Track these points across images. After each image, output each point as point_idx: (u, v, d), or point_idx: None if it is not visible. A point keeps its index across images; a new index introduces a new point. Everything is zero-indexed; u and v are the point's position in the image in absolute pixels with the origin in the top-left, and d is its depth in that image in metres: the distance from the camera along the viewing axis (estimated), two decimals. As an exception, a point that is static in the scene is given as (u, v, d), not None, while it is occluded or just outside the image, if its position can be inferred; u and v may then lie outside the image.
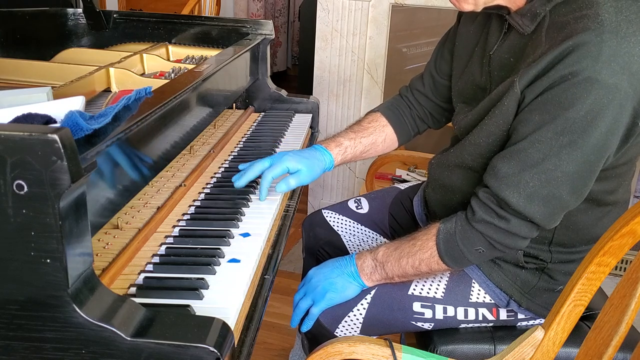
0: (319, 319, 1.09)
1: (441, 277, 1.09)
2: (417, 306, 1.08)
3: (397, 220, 1.34)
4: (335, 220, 1.37)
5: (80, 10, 1.66)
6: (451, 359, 0.86)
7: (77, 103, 0.83)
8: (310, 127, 1.66)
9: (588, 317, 1.11)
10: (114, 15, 1.72)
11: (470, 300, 1.08)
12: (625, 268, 2.18)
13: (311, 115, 1.68)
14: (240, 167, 1.16)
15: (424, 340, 1.13)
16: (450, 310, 1.08)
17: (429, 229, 1.01)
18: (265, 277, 0.91)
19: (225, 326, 0.66)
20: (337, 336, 1.09)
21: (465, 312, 1.08)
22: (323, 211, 1.39)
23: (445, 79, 1.23)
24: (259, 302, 0.85)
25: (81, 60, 1.35)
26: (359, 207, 1.38)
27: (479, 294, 1.08)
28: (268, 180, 1.08)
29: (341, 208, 1.39)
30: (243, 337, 0.77)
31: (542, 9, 0.92)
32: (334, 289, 1.06)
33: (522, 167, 0.89)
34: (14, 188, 0.57)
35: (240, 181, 1.10)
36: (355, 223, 1.35)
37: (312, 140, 1.63)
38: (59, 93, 1.04)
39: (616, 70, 0.83)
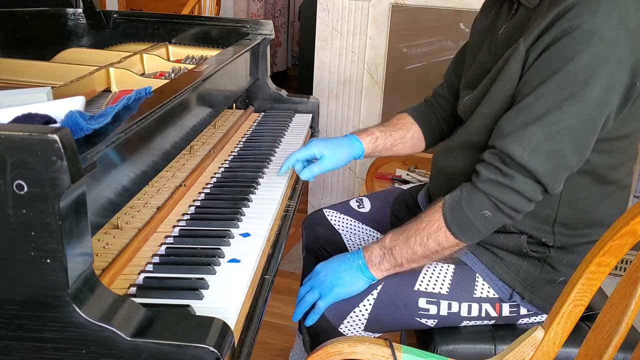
0: (324, 314, 1.09)
1: (446, 272, 1.09)
2: (422, 302, 1.08)
3: (399, 219, 1.34)
4: (337, 219, 1.37)
5: (80, 10, 1.66)
6: (451, 359, 0.86)
7: (77, 103, 0.83)
8: (310, 127, 1.66)
9: (588, 317, 1.11)
10: (114, 15, 1.72)
11: (474, 295, 1.08)
12: (625, 268, 2.18)
13: (311, 115, 1.68)
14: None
15: (424, 340, 1.13)
16: (455, 306, 1.08)
17: (435, 204, 1.00)
18: (265, 277, 0.91)
19: (225, 326, 0.66)
20: (341, 332, 1.09)
21: (469, 307, 1.08)
22: (324, 210, 1.39)
23: (459, 79, 1.25)
24: (259, 302, 0.85)
25: (81, 60, 1.35)
26: (361, 206, 1.38)
27: (482, 288, 1.08)
28: (292, 160, 1.17)
29: (342, 207, 1.39)
30: (243, 337, 0.77)
31: None
32: (342, 283, 1.05)
33: (526, 121, 0.91)
34: (14, 188, 0.57)
35: (280, 171, 1.20)
36: (357, 222, 1.35)
37: (312, 140, 1.63)
38: (59, 93, 1.04)
39: (613, 24, 0.87)
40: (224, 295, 0.78)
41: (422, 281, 1.08)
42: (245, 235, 0.96)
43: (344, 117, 2.41)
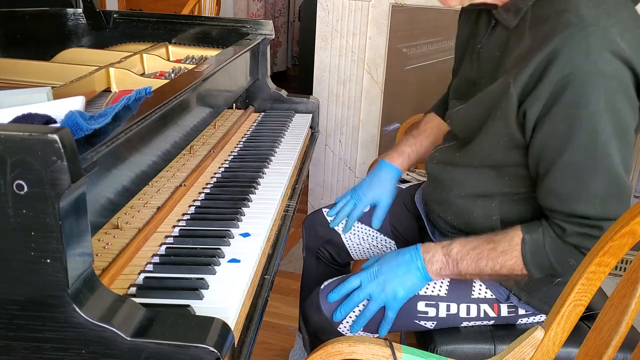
0: (324, 313, 1.09)
1: None
2: (421, 305, 1.08)
3: (399, 219, 1.34)
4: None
5: (80, 10, 1.66)
6: (451, 359, 0.86)
7: (77, 103, 0.83)
8: (310, 127, 1.66)
9: (588, 317, 1.11)
10: (114, 15, 1.72)
11: (472, 297, 1.08)
12: (625, 268, 2.18)
13: (311, 115, 1.68)
14: (330, 213, 1.33)
15: (424, 340, 1.13)
16: (453, 308, 1.08)
17: (510, 236, 0.98)
18: (265, 277, 0.91)
19: (225, 326, 0.66)
20: (340, 332, 1.09)
21: (468, 308, 1.08)
22: (324, 210, 1.39)
23: None
24: (259, 302, 0.85)
25: (81, 60, 1.35)
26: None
27: (480, 289, 1.08)
28: (354, 220, 1.30)
29: None
30: (243, 337, 0.77)
31: (525, 3, 0.96)
32: (404, 286, 1.04)
33: (579, 177, 0.91)
34: (14, 188, 0.57)
35: (334, 222, 1.31)
36: (356, 222, 1.35)
37: (312, 140, 1.63)
38: (59, 93, 1.04)
39: (609, 58, 0.86)
40: (224, 295, 0.78)
41: None
42: (245, 235, 0.96)
43: (344, 117, 2.41)
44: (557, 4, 0.92)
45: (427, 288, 1.08)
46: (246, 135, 1.48)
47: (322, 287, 1.13)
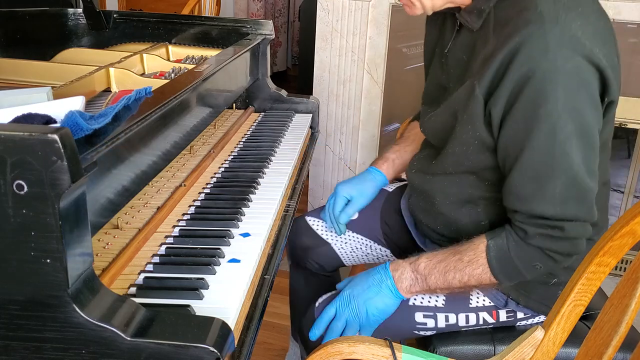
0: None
1: None
2: (419, 316, 1.07)
3: (389, 227, 1.31)
4: (322, 228, 1.33)
5: (80, 10, 1.66)
6: (451, 359, 0.86)
7: (77, 103, 0.83)
8: (310, 127, 1.66)
9: (588, 317, 1.11)
10: (114, 15, 1.72)
11: (470, 306, 1.08)
12: (625, 268, 2.18)
13: (311, 115, 1.68)
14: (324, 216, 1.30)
15: (424, 341, 1.13)
16: (452, 318, 1.07)
17: (475, 244, 0.98)
18: (265, 277, 0.91)
19: (225, 326, 0.66)
20: None
21: (467, 317, 1.08)
22: (307, 218, 1.35)
23: None
24: (259, 302, 0.85)
25: (81, 60, 1.35)
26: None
27: (478, 298, 1.08)
28: (335, 215, 1.26)
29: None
30: (243, 337, 0.77)
31: (487, 5, 0.95)
32: (376, 309, 1.03)
33: (538, 180, 0.90)
34: (14, 188, 0.57)
35: (339, 230, 1.27)
36: (349, 231, 1.31)
37: (312, 140, 1.63)
38: (59, 93, 1.04)
39: (568, 55, 0.85)
40: (224, 295, 0.78)
41: (416, 296, 1.07)
42: (245, 235, 0.96)
43: (344, 117, 2.41)
44: (518, 3, 0.90)
45: (423, 299, 1.07)
46: (246, 135, 1.48)
47: (317, 304, 1.12)
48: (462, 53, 1.02)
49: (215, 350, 0.62)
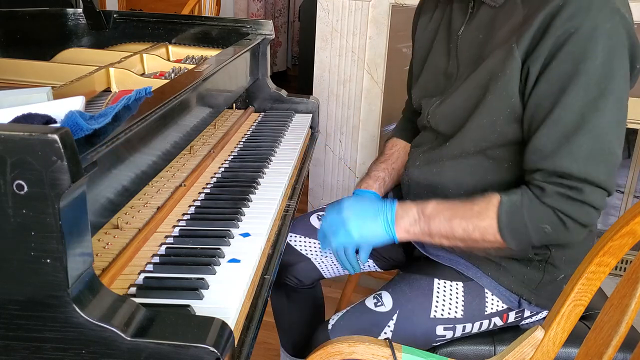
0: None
1: (457, 292, 1.06)
2: (440, 330, 1.05)
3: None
4: (303, 244, 1.29)
5: (80, 10, 1.66)
6: (451, 359, 0.86)
7: (77, 103, 0.83)
8: (310, 127, 1.66)
9: (588, 317, 1.11)
10: (114, 15, 1.72)
11: (485, 313, 1.06)
12: (625, 268, 2.18)
13: (311, 115, 1.68)
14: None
15: (424, 340, 1.13)
16: (468, 327, 1.07)
17: (489, 197, 0.96)
18: (265, 277, 0.91)
19: (225, 326, 0.66)
20: None
21: (481, 325, 1.07)
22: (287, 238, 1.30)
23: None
24: (259, 302, 0.85)
25: (81, 60, 1.35)
26: None
27: (492, 303, 1.06)
28: (353, 258, 1.14)
29: (305, 229, 1.30)
30: (243, 337, 0.77)
31: None
32: (360, 234, 1.01)
33: (567, 134, 0.89)
34: (14, 188, 0.57)
35: (354, 269, 1.17)
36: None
37: (312, 140, 1.63)
38: (59, 93, 1.04)
39: (608, 15, 0.87)
40: (224, 295, 0.78)
41: (436, 306, 1.05)
42: (245, 235, 0.96)
43: (344, 117, 2.41)
44: None
45: (442, 309, 1.05)
46: (246, 135, 1.48)
47: (329, 327, 1.07)
48: (478, 32, 1.01)
49: (215, 350, 0.62)
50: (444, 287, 1.06)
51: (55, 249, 0.59)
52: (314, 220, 1.31)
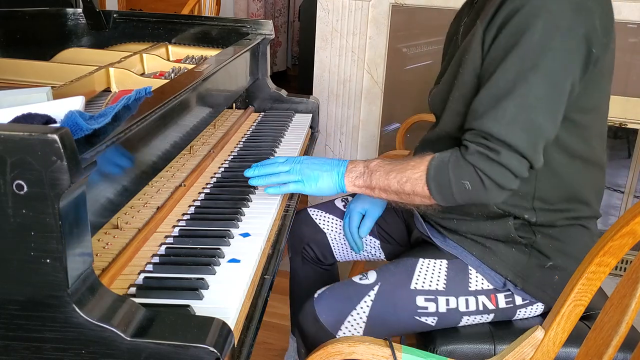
0: (321, 320, 1.08)
1: (440, 268, 1.10)
2: (420, 300, 1.08)
3: (385, 220, 1.34)
4: (322, 218, 1.37)
5: (80, 10, 1.66)
6: (451, 359, 0.86)
7: (77, 103, 0.83)
8: (310, 127, 1.66)
9: (588, 317, 1.11)
10: (114, 15, 1.72)
11: (469, 289, 1.09)
12: (625, 268, 2.18)
13: (311, 115, 1.68)
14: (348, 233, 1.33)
15: (424, 340, 1.13)
16: (453, 302, 1.09)
17: (425, 155, 1.03)
18: (265, 277, 0.91)
19: (225, 326, 0.66)
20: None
21: (467, 302, 1.09)
22: (309, 210, 1.39)
23: None
24: (259, 302, 0.85)
25: (81, 60, 1.35)
26: (346, 205, 1.38)
27: (477, 280, 1.09)
28: (353, 232, 1.30)
29: (327, 206, 1.39)
30: (243, 337, 0.77)
31: None
32: (316, 180, 1.09)
33: (497, 98, 0.95)
34: (14, 188, 0.57)
35: (357, 248, 1.31)
36: (342, 221, 1.35)
37: (312, 140, 1.63)
38: (59, 93, 1.04)
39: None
40: (224, 295, 0.78)
41: (417, 279, 1.09)
42: (245, 235, 0.96)
43: (344, 117, 2.41)
44: None
45: (424, 282, 1.09)
46: (246, 135, 1.48)
47: (315, 296, 1.13)
48: (476, 18, 1.06)
49: (215, 351, 0.62)
50: (428, 264, 1.11)
51: (55, 249, 0.59)
52: (337, 202, 1.39)
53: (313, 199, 2.62)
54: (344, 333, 1.09)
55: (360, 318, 1.08)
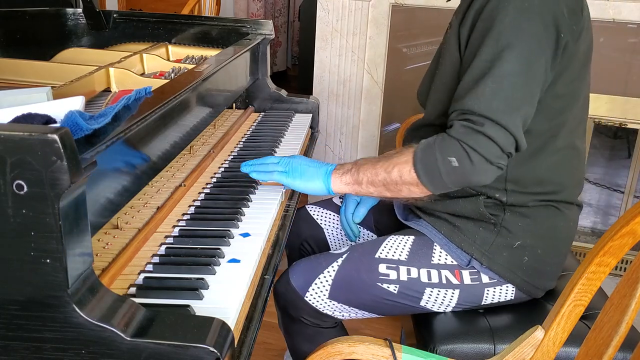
0: (292, 283, 1.14)
1: (406, 242, 1.14)
2: (382, 267, 1.12)
3: (381, 214, 1.36)
4: (319, 214, 1.40)
5: (80, 10, 1.66)
6: (451, 359, 0.86)
7: (77, 103, 0.83)
8: (310, 127, 1.66)
9: (588, 317, 1.11)
10: (114, 15, 1.72)
11: (432, 262, 1.12)
12: (625, 268, 2.18)
13: (311, 115, 1.68)
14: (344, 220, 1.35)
15: (424, 339, 1.14)
16: (414, 272, 1.11)
17: (412, 144, 1.04)
18: (265, 277, 0.91)
19: (225, 326, 0.66)
20: (307, 301, 1.13)
21: (428, 274, 1.11)
22: (307, 207, 1.41)
23: None
24: (259, 302, 0.85)
25: (81, 60, 1.35)
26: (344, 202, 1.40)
27: (440, 256, 1.12)
28: (349, 219, 1.34)
29: (325, 203, 1.41)
30: (243, 337, 0.77)
31: None
32: (305, 177, 1.11)
33: (475, 79, 0.98)
34: (14, 188, 0.57)
35: (352, 236, 1.35)
36: (339, 217, 1.38)
37: (312, 140, 1.63)
38: (59, 93, 1.04)
39: None
40: (224, 295, 0.78)
41: (383, 249, 1.14)
42: (245, 235, 0.96)
43: (344, 117, 2.41)
44: None
45: (388, 252, 1.13)
46: (246, 135, 1.48)
47: (292, 265, 1.19)
48: (459, 16, 1.10)
49: (215, 351, 0.62)
50: (396, 239, 1.16)
51: (55, 249, 0.59)
52: (335, 199, 1.42)
53: (313, 198, 2.62)
54: (311, 295, 1.13)
55: (327, 281, 1.12)
